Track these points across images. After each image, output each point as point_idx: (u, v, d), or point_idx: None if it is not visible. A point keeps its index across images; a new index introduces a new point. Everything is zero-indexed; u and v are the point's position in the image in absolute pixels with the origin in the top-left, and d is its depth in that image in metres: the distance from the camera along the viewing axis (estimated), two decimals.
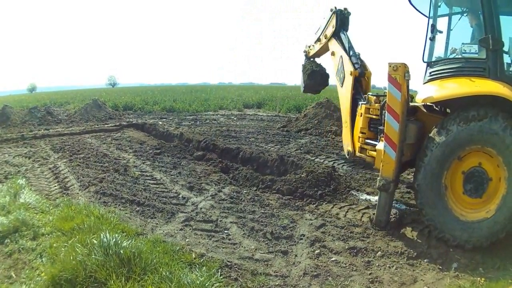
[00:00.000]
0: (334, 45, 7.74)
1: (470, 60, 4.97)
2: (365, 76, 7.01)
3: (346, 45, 7.35)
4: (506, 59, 4.77)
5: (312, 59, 9.53)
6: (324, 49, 8.65)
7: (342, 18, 7.65)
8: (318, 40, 8.56)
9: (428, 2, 5.50)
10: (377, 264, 4.61)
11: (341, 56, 7.28)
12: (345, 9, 7.52)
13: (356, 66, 6.94)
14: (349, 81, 6.90)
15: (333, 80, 8.22)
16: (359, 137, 6.38)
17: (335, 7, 7.63)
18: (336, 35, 7.75)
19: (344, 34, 7.56)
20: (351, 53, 7.18)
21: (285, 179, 7.58)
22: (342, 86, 7.21)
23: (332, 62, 7.84)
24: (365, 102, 6.29)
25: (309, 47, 9.30)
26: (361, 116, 6.33)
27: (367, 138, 6.23)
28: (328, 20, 7.93)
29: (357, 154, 6.51)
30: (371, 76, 7.11)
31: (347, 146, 6.90)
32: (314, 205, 6.57)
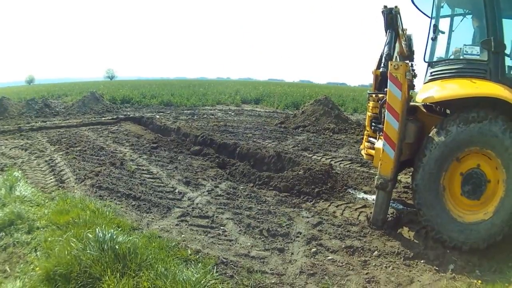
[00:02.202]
0: None
1: (471, 62, 4.95)
2: (387, 75, 6.83)
3: (386, 43, 7.03)
4: (508, 61, 4.76)
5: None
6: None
7: (391, 17, 7.12)
8: None
9: (430, 3, 5.48)
10: (373, 264, 4.60)
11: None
12: (396, 6, 7.05)
13: (381, 65, 6.62)
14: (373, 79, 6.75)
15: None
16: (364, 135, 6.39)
17: (384, 6, 7.19)
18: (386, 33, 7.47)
19: (391, 33, 7.11)
20: (385, 50, 6.84)
21: (282, 176, 7.56)
22: None
23: None
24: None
25: None
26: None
27: (369, 136, 6.23)
28: None
29: (361, 152, 6.51)
30: None
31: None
32: (311, 203, 6.55)
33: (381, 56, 6.75)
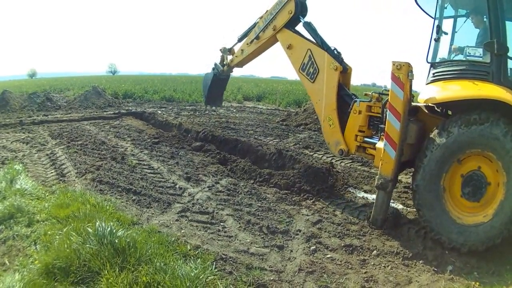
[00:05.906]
0: (290, 37, 7.16)
1: (474, 63, 4.94)
2: (348, 71, 6.74)
3: (317, 37, 6.82)
4: (510, 64, 4.73)
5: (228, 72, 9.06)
6: (262, 48, 7.88)
7: (301, 1, 6.78)
8: (257, 38, 7.79)
9: (434, 3, 5.46)
10: (372, 263, 4.61)
11: (310, 50, 6.86)
12: None
13: (339, 60, 6.57)
14: (333, 76, 6.57)
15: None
16: (356, 135, 6.31)
17: None
18: (292, 24, 7.07)
19: (310, 25, 6.93)
20: (325, 46, 6.71)
21: (282, 173, 7.57)
22: (314, 82, 6.93)
23: (291, 57, 7.33)
24: (367, 100, 6.22)
25: (231, 55, 8.56)
26: (359, 113, 6.23)
27: (366, 137, 6.19)
28: (281, 7, 7.15)
29: (355, 152, 6.45)
30: (352, 71, 6.83)
31: (337, 144, 6.63)
32: (311, 201, 6.55)
33: (326, 50, 6.60)
